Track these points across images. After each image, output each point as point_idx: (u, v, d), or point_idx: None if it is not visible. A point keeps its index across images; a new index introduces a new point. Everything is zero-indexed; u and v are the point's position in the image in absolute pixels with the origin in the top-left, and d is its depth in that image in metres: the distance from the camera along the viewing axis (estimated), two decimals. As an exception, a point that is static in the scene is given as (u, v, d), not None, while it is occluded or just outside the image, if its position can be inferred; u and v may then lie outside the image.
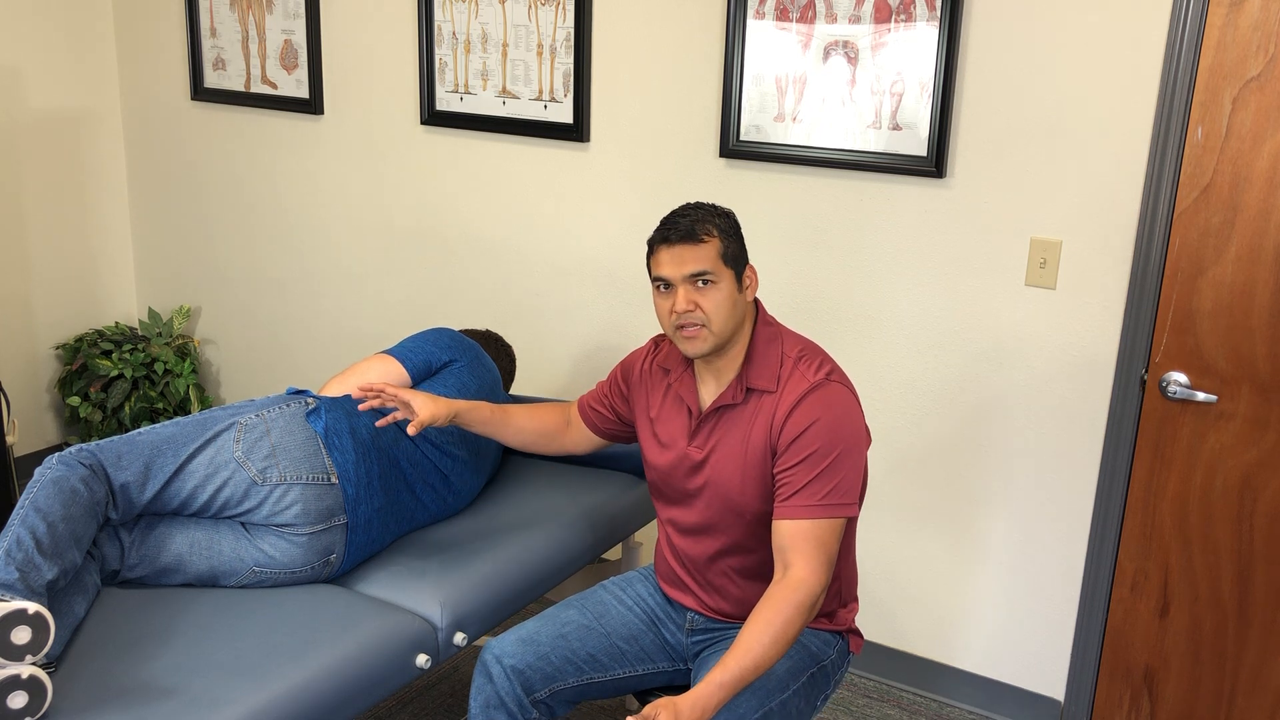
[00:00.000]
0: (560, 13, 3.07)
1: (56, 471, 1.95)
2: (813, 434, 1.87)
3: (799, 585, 1.80)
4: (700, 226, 1.89)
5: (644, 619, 2.11)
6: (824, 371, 1.93)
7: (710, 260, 1.88)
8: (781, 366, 1.94)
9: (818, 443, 1.86)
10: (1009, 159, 2.57)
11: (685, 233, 1.88)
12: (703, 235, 1.88)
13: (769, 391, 1.93)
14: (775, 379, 1.93)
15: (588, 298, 3.23)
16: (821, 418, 1.88)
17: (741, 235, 1.96)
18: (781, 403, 1.91)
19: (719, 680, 1.73)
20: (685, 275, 1.88)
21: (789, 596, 1.79)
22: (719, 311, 1.89)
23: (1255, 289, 2.37)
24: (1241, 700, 2.57)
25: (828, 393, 1.90)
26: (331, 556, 2.15)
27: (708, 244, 1.88)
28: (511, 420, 2.23)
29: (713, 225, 1.90)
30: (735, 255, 1.92)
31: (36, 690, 1.66)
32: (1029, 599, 2.76)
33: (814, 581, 1.81)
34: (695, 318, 1.89)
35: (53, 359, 4.06)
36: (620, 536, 2.57)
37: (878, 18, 2.62)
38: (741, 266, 1.93)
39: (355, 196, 3.62)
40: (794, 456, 1.87)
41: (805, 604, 1.80)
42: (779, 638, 1.76)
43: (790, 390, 1.91)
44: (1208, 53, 2.33)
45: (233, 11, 3.69)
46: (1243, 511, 2.47)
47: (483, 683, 1.98)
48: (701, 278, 1.88)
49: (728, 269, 1.90)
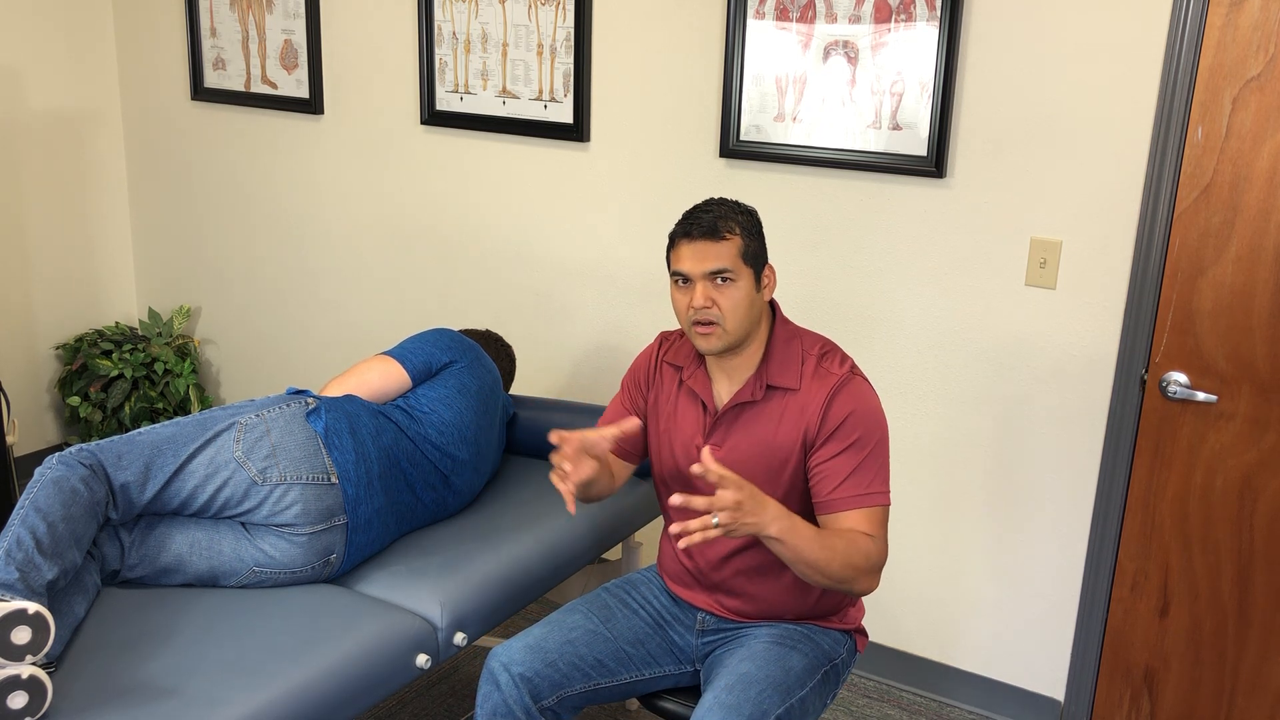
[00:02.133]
0: (560, 13, 3.07)
1: (57, 471, 1.95)
2: (851, 425, 1.89)
3: (868, 542, 1.84)
4: (723, 223, 1.89)
5: (650, 622, 2.11)
6: (847, 366, 1.96)
7: (730, 258, 1.89)
8: (803, 364, 1.95)
9: (857, 432, 1.89)
10: (1009, 159, 2.57)
11: (708, 229, 1.89)
12: (725, 232, 1.89)
13: (792, 390, 1.94)
14: (798, 377, 1.94)
15: (588, 298, 3.23)
16: (857, 409, 1.90)
17: (763, 234, 1.96)
18: (812, 398, 1.92)
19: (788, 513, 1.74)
20: (705, 271, 1.88)
21: (865, 544, 1.83)
22: (736, 310, 1.89)
23: (1255, 289, 2.37)
24: (1241, 700, 2.57)
25: (856, 386, 1.93)
26: (331, 556, 2.15)
27: (729, 241, 1.89)
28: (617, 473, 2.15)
29: (735, 223, 1.91)
30: (755, 254, 1.92)
31: (36, 690, 1.65)
32: (1029, 599, 2.76)
33: (877, 550, 1.85)
34: (711, 314, 1.89)
35: (53, 359, 4.06)
36: (620, 536, 2.57)
37: (878, 18, 2.62)
38: (761, 265, 1.94)
39: (355, 196, 3.62)
40: (834, 447, 1.89)
41: (873, 556, 1.83)
42: (840, 552, 1.79)
43: (819, 385, 1.92)
44: (1208, 53, 2.33)
45: (233, 11, 3.69)
46: (1243, 511, 2.47)
47: (490, 690, 1.96)
48: (721, 275, 1.88)
49: (747, 268, 1.90)
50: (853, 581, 1.83)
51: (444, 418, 2.38)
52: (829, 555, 1.78)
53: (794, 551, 1.75)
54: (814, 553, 1.76)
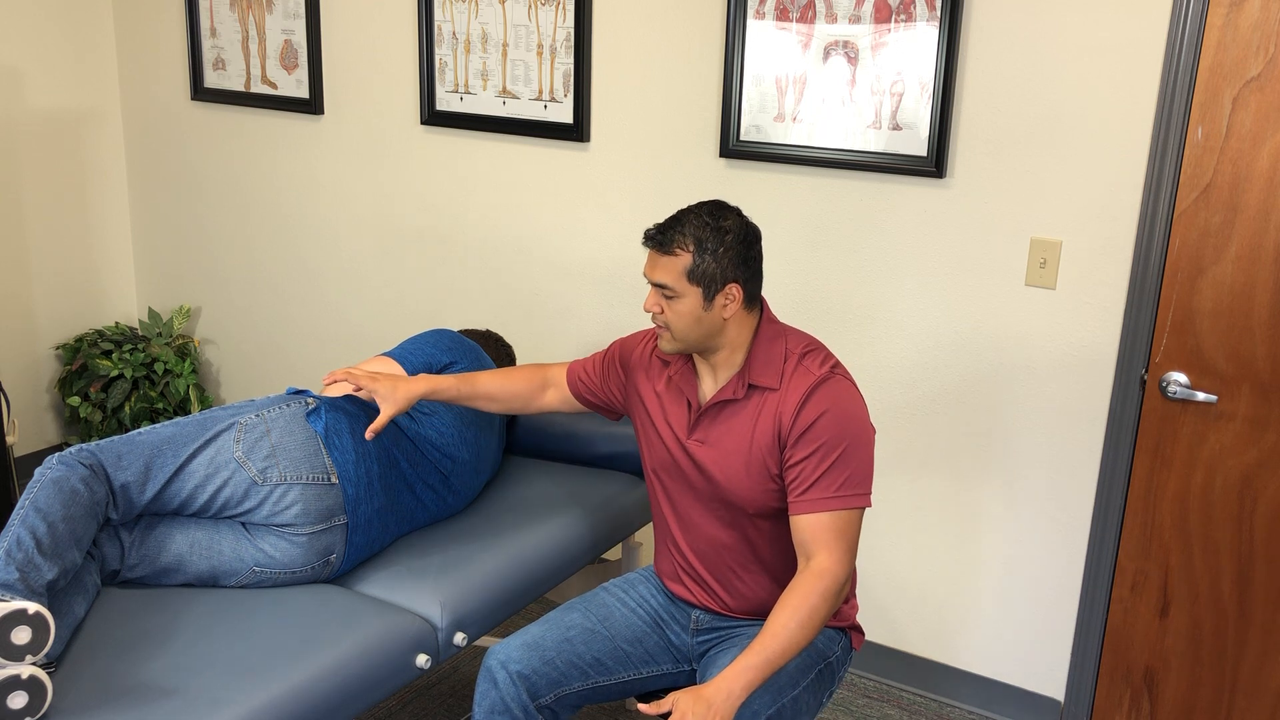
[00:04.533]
0: (560, 13, 3.07)
1: (57, 471, 1.95)
2: (822, 426, 1.88)
3: (823, 573, 1.84)
4: (679, 238, 1.87)
5: (648, 620, 2.11)
6: (828, 366, 1.95)
7: (673, 276, 1.88)
8: (785, 363, 1.95)
9: (827, 434, 1.88)
10: (1009, 159, 2.57)
11: (658, 240, 1.90)
12: (675, 248, 1.87)
13: (771, 388, 1.94)
14: (779, 376, 1.94)
15: (588, 298, 3.23)
16: (830, 410, 1.89)
17: (741, 254, 1.89)
18: (788, 397, 1.92)
19: (746, 663, 1.76)
20: (652, 281, 1.91)
21: (814, 584, 1.83)
22: (679, 322, 1.91)
23: (1255, 289, 2.37)
24: (1241, 700, 2.57)
25: (834, 386, 1.92)
26: (331, 556, 2.15)
27: (677, 258, 1.88)
28: (480, 389, 2.24)
29: (692, 240, 1.87)
30: (708, 274, 1.87)
31: (36, 690, 1.66)
32: (1029, 599, 2.76)
33: (838, 569, 1.85)
34: (661, 319, 1.93)
35: (53, 359, 4.06)
36: (620, 536, 2.57)
37: (878, 18, 2.62)
38: (717, 286, 1.88)
39: (355, 196, 3.62)
40: (805, 449, 1.89)
41: (831, 591, 1.83)
42: (806, 623, 1.80)
43: (796, 385, 1.92)
44: (1208, 53, 2.33)
45: (233, 11, 3.69)
46: (1243, 511, 2.47)
47: (487, 688, 1.97)
48: (663, 290, 1.90)
49: (694, 286, 1.88)
50: (834, 608, 1.86)
51: (444, 418, 2.39)
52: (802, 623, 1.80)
53: (783, 658, 1.79)
54: (792, 640, 1.80)
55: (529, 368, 2.30)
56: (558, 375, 2.28)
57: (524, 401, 2.28)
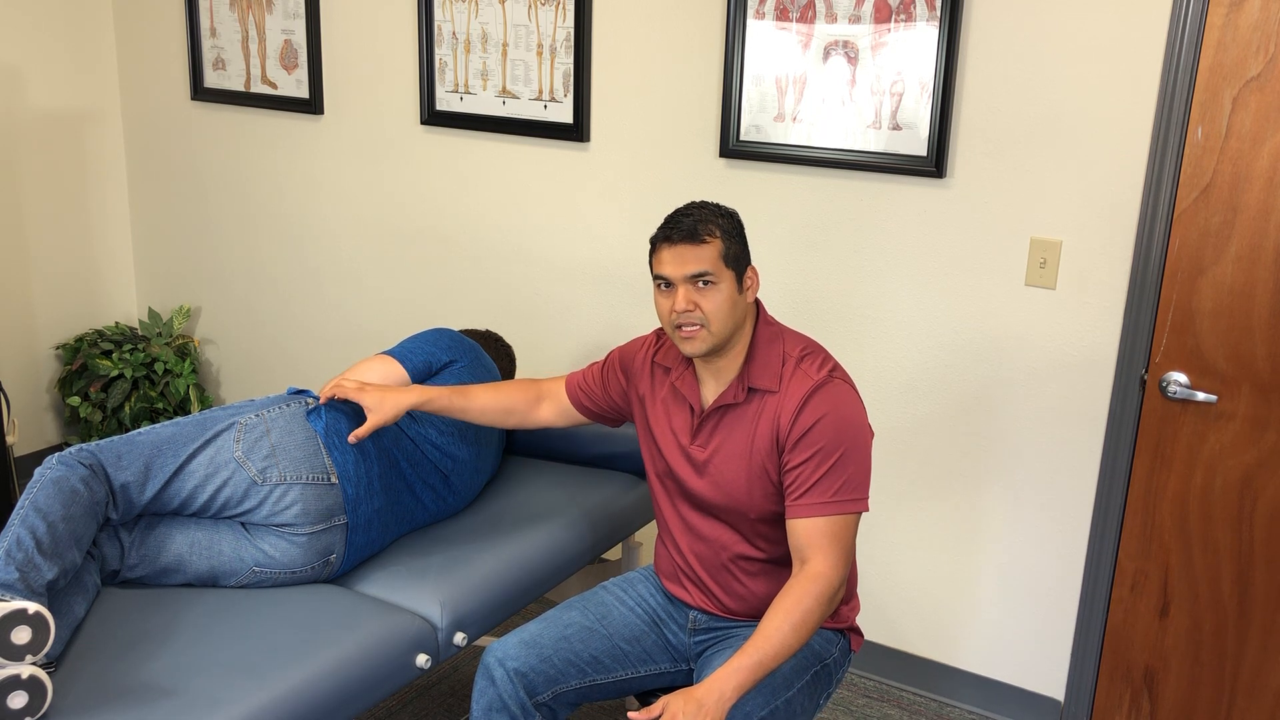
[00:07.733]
0: (560, 13, 3.07)
1: (56, 471, 1.95)
2: (820, 430, 1.88)
3: (818, 577, 1.84)
4: (703, 226, 1.89)
5: (646, 619, 2.11)
6: (827, 369, 1.95)
7: (711, 261, 1.88)
8: (784, 366, 1.95)
9: (824, 439, 1.88)
10: (1009, 159, 2.57)
11: (687, 232, 1.88)
12: (705, 235, 1.89)
13: (771, 391, 1.94)
14: (777, 378, 1.94)
15: (588, 297, 3.23)
16: (827, 414, 1.89)
17: (744, 236, 1.96)
18: (787, 401, 1.91)
19: (737, 665, 1.76)
20: (686, 275, 1.88)
21: (808, 587, 1.83)
22: (718, 313, 1.89)
23: (1255, 289, 2.37)
24: (1241, 700, 2.57)
25: (832, 390, 1.92)
26: (331, 556, 2.15)
27: (709, 244, 1.89)
28: (473, 401, 2.24)
29: (715, 225, 1.90)
30: (737, 256, 1.92)
31: (36, 690, 1.66)
32: (1029, 599, 2.76)
33: (832, 574, 1.85)
34: (694, 318, 1.89)
35: (53, 359, 4.06)
36: (620, 536, 2.57)
37: (878, 18, 2.62)
38: (743, 268, 1.93)
39: (355, 196, 3.62)
40: (802, 453, 1.89)
41: (825, 595, 1.84)
42: (799, 626, 1.81)
43: (794, 388, 1.92)
44: (1208, 53, 2.33)
45: (233, 11, 3.69)
46: (1243, 511, 2.47)
47: (485, 685, 1.98)
48: (702, 278, 1.88)
49: (729, 270, 1.90)
50: (828, 613, 1.87)
51: (444, 417, 2.38)
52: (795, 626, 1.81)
53: (775, 661, 1.80)
54: (785, 644, 1.80)
55: (523, 381, 2.31)
56: (553, 389, 2.28)
57: (519, 415, 2.27)
